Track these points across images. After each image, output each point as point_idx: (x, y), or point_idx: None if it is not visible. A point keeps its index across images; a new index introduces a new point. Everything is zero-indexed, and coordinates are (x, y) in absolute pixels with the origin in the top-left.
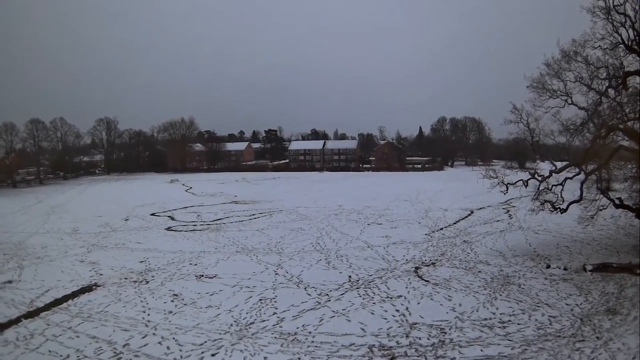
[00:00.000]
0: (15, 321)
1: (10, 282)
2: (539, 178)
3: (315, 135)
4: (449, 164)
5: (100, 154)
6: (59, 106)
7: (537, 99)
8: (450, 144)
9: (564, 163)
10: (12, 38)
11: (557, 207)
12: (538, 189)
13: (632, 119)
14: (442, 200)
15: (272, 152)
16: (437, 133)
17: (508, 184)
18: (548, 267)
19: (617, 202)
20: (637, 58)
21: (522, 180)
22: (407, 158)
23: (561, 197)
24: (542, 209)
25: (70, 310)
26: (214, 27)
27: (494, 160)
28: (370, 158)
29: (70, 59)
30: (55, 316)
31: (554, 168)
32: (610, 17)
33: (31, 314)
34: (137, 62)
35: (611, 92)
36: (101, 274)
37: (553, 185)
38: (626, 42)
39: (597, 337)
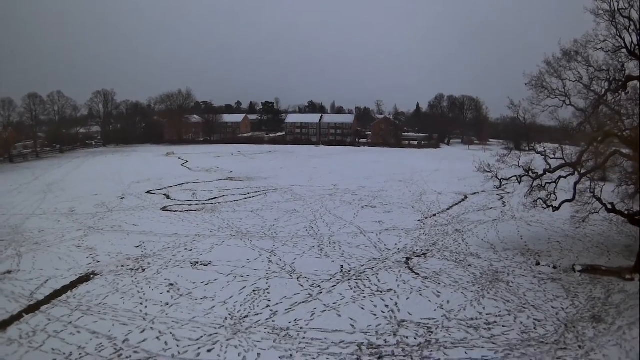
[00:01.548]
0: (17, 317)
1: (9, 272)
2: (533, 175)
3: (313, 107)
4: (446, 141)
5: (97, 126)
6: (56, 80)
7: (535, 97)
8: (447, 122)
9: (559, 161)
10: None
11: (549, 204)
12: (531, 186)
13: (630, 128)
14: (436, 183)
15: (268, 124)
16: (434, 110)
17: (502, 179)
18: (538, 264)
19: (609, 206)
20: (639, 63)
21: (516, 176)
22: (404, 134)
23: (554, 194)
24: (535, 206)
25: (69, 303)
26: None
27: (490, 140)
28: (366, 132)
29: (69, 29)
30: (56, 310)
31: (548, 167)
32: (614, 20)
33: (32, 308)
34: (135, 31)
35: (610, 95)
36: (98, 261)
37: (547, 183)
38: (629, 47)
39: (580, 346)
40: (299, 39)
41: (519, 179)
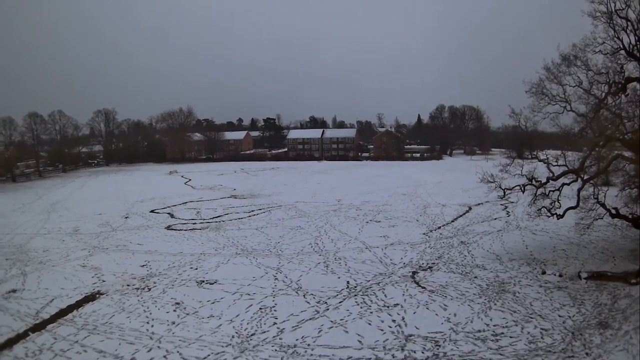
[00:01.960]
0: (23, 335)
1: (14, 291)
2: (536, 184)
3: (314, 122)
4: (448, 152)
5: (99, 145)
6: (57, 100)
7: (536, 104)
8: (449, 133)
9: (562, 168)
10: (9, 30)
11: (553, 212)
12: (535, 195)
13: (631, 131)
14: (440, 195)
15: (270, 141)
16: (435, 121)
17: (505, 189)
18: (544, 273)
19: (613, 211)
20: (638, 64)
21: (519, 185)
22: (406, 147)
23: (558, 202)
24: (539, 215)
25: (75, 322)
26: (213, 13)
27: (492, 149)
28: (369, 146)
29: (69, 49)
30: (62, 329)
31: (551, 175)
32: (611, 21)
33: (38, 327)
34: (134, 48)
35: (610, 98)
36: (104, 281)
37: (550, 191)
38: (627, 48)
39: (587, 354)
40: (299, 54)
41: (522, 188)
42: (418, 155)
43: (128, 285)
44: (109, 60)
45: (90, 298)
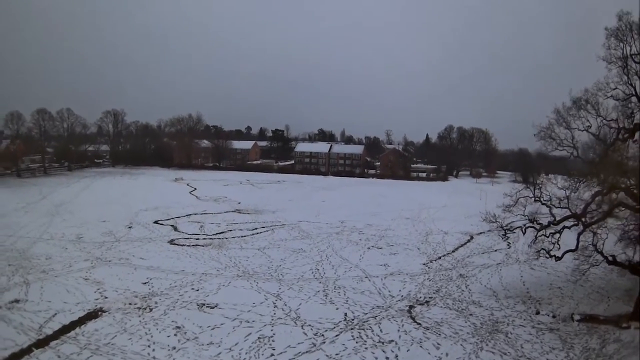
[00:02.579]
0: (27, 351)
1: (17, 301)
2: (537, 226)
3: (322, 135)
4: (454, 174)
5: (106, 144)
6: (66, 98)
7: (543, 147)
8: (456, 153)
9: (564, 212)
10: (20, 27)
11: (552, 255)
12: (535, 237)
13: (636, 186)
14: (443, 221)
15: (277, 152)
16: (443, 141)
17: (507, 229)
18: (537, 313)
19: (610, 259)
20: None
21: (520, 227)
22: (413, 165)
23: (557, 244)
24: (538, 257)
25: (78, 341)
26: (226, 20)
27: (498, 172)
28: (375, 163)
29: (80, 49)
30: (65, 347)
31: (552, 219)
32: (626, 66)
33: (41, 343)
34: (146, 52)
35: (619, 144)
36: (106, 297)
37: (551, 233)
38: (639, 95)
39: None
40: (310, 64)
41: (523, 230)
42: (424, 175)
43: (130, 303)
44: (121, 62)
45: (93, 315)
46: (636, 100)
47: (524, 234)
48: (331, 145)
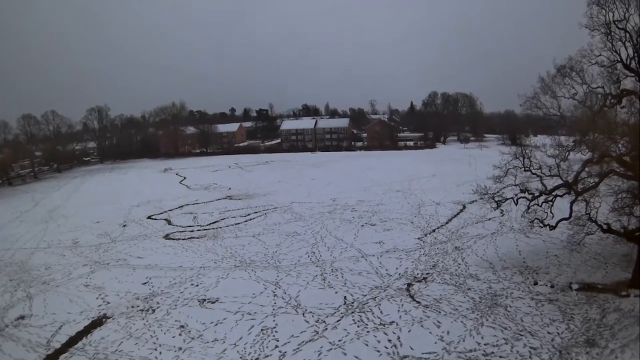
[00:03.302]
0: None
1: (22, 317)
2: (529, 196)
3: (307, 111)
4: (441, 140)
5: (93, 141)
6: (48, 100)
7: (530, 117)
8: (442, 119)
9: (555, 180)
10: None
11: (546, 224)
12: (528, 207)
13: (627, 153)
14: (434, 191)
15: (263, 132)
16: (428, 108)
17: (498, 201)
18: (535, 283)
19: (605, 227)
20: (635, 77)
21: (512, 198)
22: (399, 135)
23: (551, 212)
24: (532, 226)
25: (87, 351)
26: (206, 2)
27: (486, 135)
28: (362, 135)
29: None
30: (74, 359)
31: (544, 188)
32: (610, 33)
33: (51, 358)
34: (124, 37)
35: (606, 111)
36: (108, 303)
37: (543, 202)
38: (624, 61)
39: None
40: (290, 38)
41: (515, 201)
42: (412, 143)
43: (132, 306)
44: (99, 55)
45: (97, 323)
46: (621, 67)
47: (516, 204)
48: (316, 121)
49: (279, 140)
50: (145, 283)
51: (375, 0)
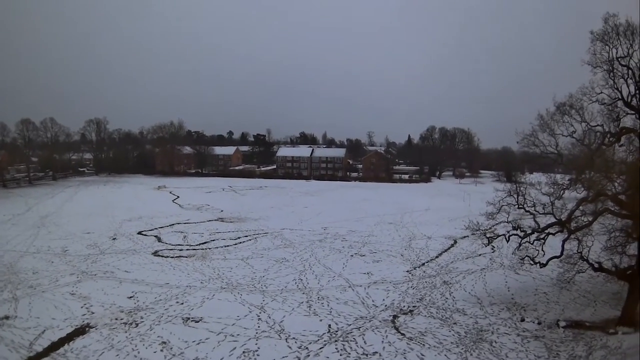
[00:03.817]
0: None
1: (7, 317)
2: (521, 234)
3: (304, 139)
4: (437, 174)
5: (89, 152)
6: (48, 108)
7: (527, 155)
8: (438, 154)
9: (549, 218)
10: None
11: (537, 261)
12: (519, 244)
13: (623, 192)
14: (426, 225)
15: (260, 157)
16: (426, 142)
17: (490, 237)
18: (522, 320)
19: (596, 266)
20: (635, 115)
21: (503, 235)
22: (395, 167)
23: (542, 250)
24: (522, 263)
25: (67, 358)
26: (209, 28)
27: (481, 171)
28: (357, 165)
29: (61, 57)
30: None
31: (536, 226)
32: (612, 69)
33: None
34: (128, 59)
35: (604, 149)
36: (93, 313)
37: (535, 240)
38: (625, 99)
39: None
40: (292, 67)
41: (507, 238)
42: (407, 176)
43: (116, 319)
44: (101, 69)
45: (80, 331)
46: (622, 104)
47: (507, 241)
48: (313, 149)
49: (274, 166)
50: (130, 297)
51: (384, 41)
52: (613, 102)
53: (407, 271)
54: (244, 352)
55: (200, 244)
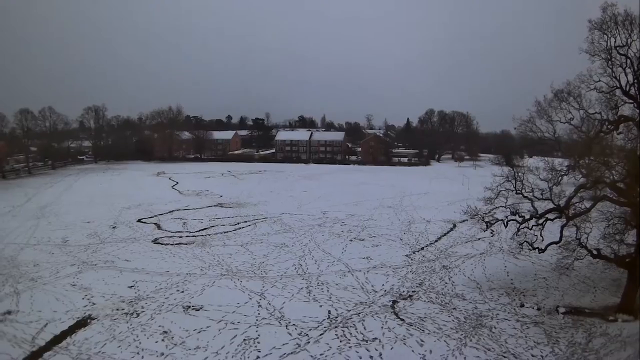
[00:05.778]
0: None
1: (9, 312)
2: (519, 219)
3: (303, 122)
4: (436, 158)
5: (88, 140)
6: (46, 96)
7: (524, 141)
8: (437, 137)
9: (547, 203)
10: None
11: (535, 247)
12: (518, 229)
13: (622, 180)
14: (426, 209)
15: (258, 141)
16: (424, 125)
17: (488, 222)
18: (522, 305)
19: (595, 252)
20: (634, 104)
21: (502, 220)
22: (394, 150)
23: (541, 236)
24: (521, 249)
25: (70, 351)
26: (207, 9)
27: (480, 155)
28: (356, 149)
29: (59, 45)
30: (58, 358)
31: (535, 211)
32: (610, 58)
33: (35, 355)
34: (124, 42)
35: (602, 137)
36: (94, 303)
37: (533, 226)
38: (623, 87)
39: None
40: (291, 49)
41: (505, 223)
42: (406, 159)
43: (117, 309)
44: (99, 55)
45: (82, 323)
46: (620, 93)
47: (506, 226)
48: (312, 133)
49: (273, 150)
50: (131, 286)
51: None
52: (611, 90)
53: (407, 255)
54: (244, 339)
55: (199, 230)
